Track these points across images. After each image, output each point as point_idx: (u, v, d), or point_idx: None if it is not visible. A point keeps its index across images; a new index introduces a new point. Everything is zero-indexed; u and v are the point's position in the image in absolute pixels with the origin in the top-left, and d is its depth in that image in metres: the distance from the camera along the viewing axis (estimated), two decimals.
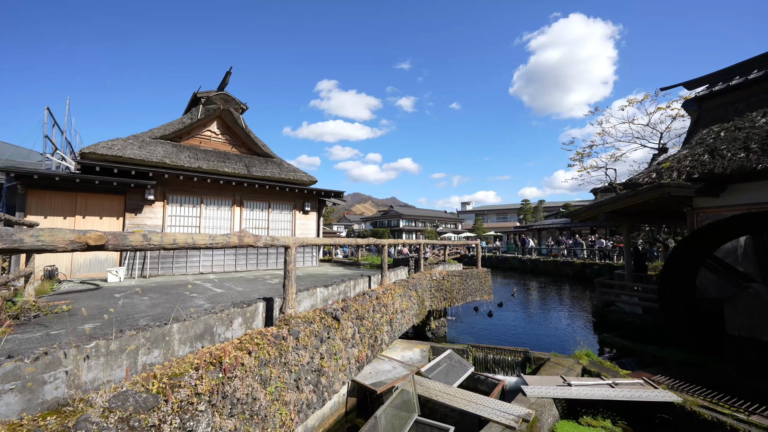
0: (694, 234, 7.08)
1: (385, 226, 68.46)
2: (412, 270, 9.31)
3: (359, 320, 4.69)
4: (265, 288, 6.53)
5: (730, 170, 7.03)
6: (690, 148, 8.38)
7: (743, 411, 4.55)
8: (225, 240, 2.87)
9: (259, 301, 3.69)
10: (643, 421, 5.14)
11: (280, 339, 3.20)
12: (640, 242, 19.47)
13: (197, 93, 12.15)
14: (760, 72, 8.52)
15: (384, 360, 6.46)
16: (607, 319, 10.18)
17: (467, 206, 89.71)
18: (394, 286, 6.73)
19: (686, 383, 5.48)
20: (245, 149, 13.10)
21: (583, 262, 22.88)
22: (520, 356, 7.08)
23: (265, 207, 11.65)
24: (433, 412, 5.84)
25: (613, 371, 6.12)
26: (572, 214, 11.45)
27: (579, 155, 19.54)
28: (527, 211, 60.16)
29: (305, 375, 3.39)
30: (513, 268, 29.22)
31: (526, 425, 4.49)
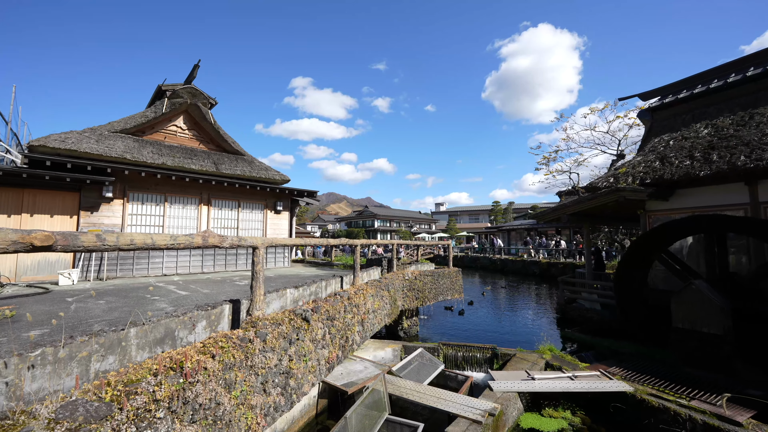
0: (645, 235, 7.62)
1: (360, 227, 68.31)
2: (385, 270, 9.37)
3: (330, 321, 4.67)
4: (233, 290, 6.34)
5: (677, 176, 7.63)
6: (643, 155, 9.00)
7: (685, 397, 4.96)
8: (188, 240, 2.77)
9: (224, 304, 3.58)
10: (599, 410, 5.47)
11: (246, 342, 3.12)
12: (600, 242, 20.67)
13: (162, 86, 11.58)
14: (703, 87, 9.31)
15: (356, 360, 6.46)
16: (569, 315, 10.74)
17: (441, 207, 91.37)
18: (366, 286, 6.75)
19: (638, 373, 5.88)
20: (214, 146, 12.64)
21: (549, 261, 23.96)
22: (488, 353, 7.31)
23: (235, 206, 11.30)
24: (404, 410, 5.91)
25: (573, 364, 6.46)
26: (538, 215, 11.97)
27: (546, 159, 20.46)
28: (498, 212, 62.14)
29: (273, 378, 3.33)
30: (484, 267, 30.09)
31: (492, 419, 4.66)
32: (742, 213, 7.12)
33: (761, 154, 6.59)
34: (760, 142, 6.81)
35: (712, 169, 7.11)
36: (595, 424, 5.32)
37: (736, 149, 7.05)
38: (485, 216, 69.62)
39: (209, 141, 12.56)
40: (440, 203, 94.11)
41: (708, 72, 9.58)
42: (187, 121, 12.11)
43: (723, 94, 8.89)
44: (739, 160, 6.82)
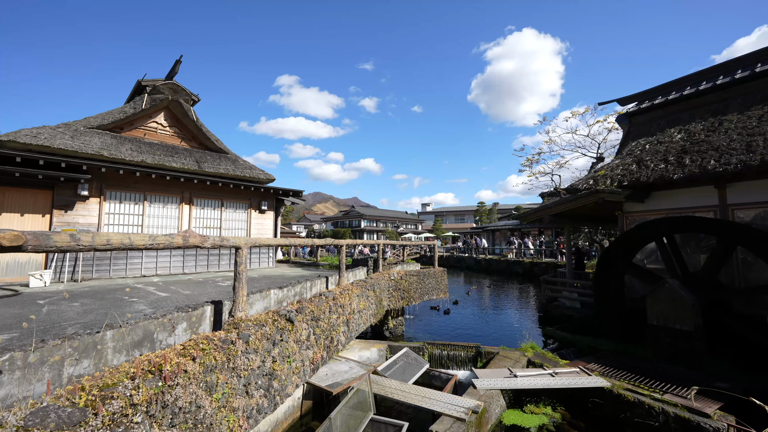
0: (620, 237, 7.90)
1: (347, 226, 68.06)
2: (371, 270, 9.37)
3: (315, 321, 4.64)
4: (215, 291, 6.22)
5: (652, 179, 7.93)
6: (621, 158, 9.32)
7: (659, 391, 5.16)
8: (167, 240, 2.70)
9: (206, 305, 3.51)
10: (578, 405, 5.63)
11: (228, 343, 3.07)
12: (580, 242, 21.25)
13: (142, 81, 11.25)
14: (677, 94, 9.71)
15: (341, 361, 6.44)
16: (550, 314, 11.00)
17: (427, 207, 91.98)
18: (351, 286, 6.73)
19: (615, 369, 6.08)
20: (196, 143, 12.36)
21: (532, 261, 24.47)
22: (472, 351, 7.41)
23: (218, 205, 11.07)
24: (389, 409, 5.93)
25: (554, 361, 6.63)
26: (521, 216, 12.22)
27: (529, 161, 20.89)
28: (483, 212, 63.05)
29: (256, 379, 3.29)
30: (469, 267, 30.47)
31: (476, 416, 4.73)
32: (712, 215, 7.46)
33: (729, 158, 6.93)
34: (729, 148, 7.16)
35: (684, 173, 7.42)
36: (574, 419, 5.47)
37: (707, 154, 7.39)
38: (470, 216, 70.52)
39: (191, 138, 12.27)
40: (426, 204, 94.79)
41: (682, 79, 9.99)
42: (169, 117, 11.79)
43: (695, 101, 9.29)
44: (709, 164, 7.14)
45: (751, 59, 8.74)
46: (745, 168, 6.62)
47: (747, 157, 6.70)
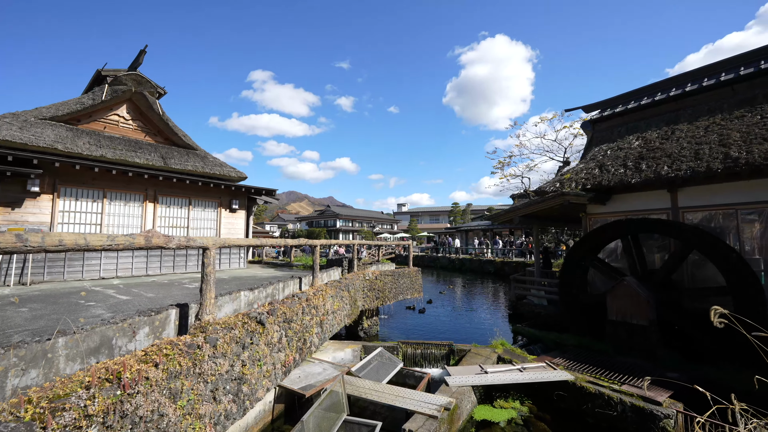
0: (584, 237, 8.33)
1: (322, 226, 67.25)
2: (346, 270, 9.32)
3: (287, 323, 4.55)
4: (181, 293, 5.95)
5: (613, 183, 8.41)
6: (585, 163, 9.82)
7: (617, 382, 5.49)
8: (128, 241, 2.55)
9: (171, 308, 3.35)
10: (545, 398, 5.88)
11: (194, 348, 2.95)
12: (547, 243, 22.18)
13: (102, 71, 10.58)
14: (635, 103, 10.35)
15: (314, 362, 6.36)
16: (520, 311, 11.41)
17: (403, 207, 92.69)
18: (325, 287, 6.67)
19: (578, 363, 6.40)
20: (162, 139, 11.78)
21: (503, 260, 25.27)
22: (445, 349, 7.55)
23: (185, 204, 10.61)
24: (363, 410, 5.92)
25: (522, 357, 6.88)
26: (492, 217, 12.59)
27: (501, 164, 21.57)
28: (457, 213, 64.33)
29: (224, 384, 3.18)
30: (443, 266, 31.00)
31: (448, 413, 4.82)
32: (665, 216, 8.01)
33: (680, 165, 7.48)
34: (680, 155, 7.73)
35: (641, 178, 7.93)
36: (541, 412, 5.70)
37: (661, 160, 7.93)
38: (445, 217, 71.77)
39: (157, 133, 11.68)
40: (402, 204, 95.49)
41: (639, 90, 10.67)
42: (132, 110, 11.16)
43: (651, 111, 9.95)
44: (663, 170, 7.68)
45: (700, 74, 9.47)
46: (694, 174, 7.17)
47: (695, 164, 7.26)
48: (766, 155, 6.41)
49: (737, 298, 5.92)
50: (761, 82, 8.12)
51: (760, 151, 6.55)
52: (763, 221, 6.96)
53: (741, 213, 7.16)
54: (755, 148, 6.67)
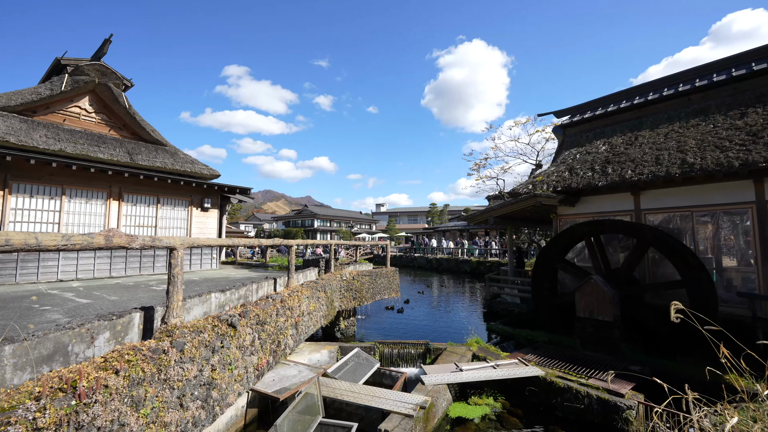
0: (554, 237, 8.65)
1: (299, 226, 66.21)
2: (323, 271, 9.21)
3: (260, 326, 4.42)
4: (147, 296, 5.67)
5: (581, 185, 8.78)
6: (556, 166, 10.20)
7: (584, 376, 5.72)
8: (86, 240, 2.39)
9: (134, 312, 3.17)
10: (517, 394, 6.05)
11: (159, 353, 2.80)
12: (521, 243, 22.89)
13: (61, 59, 9.93)
14: (602, 110, 10.87)
15: (289, 365, 6.23)
16: (494, 309, 11.69)
17: (381, 208, 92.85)
18: (301, 287, 6.55)
19: (548, 359, 6.63)
20: (128, 133, 11.19)
21: (479, 260, 25.83)
22: (421, 348, 7.61)
23: (153, 202, 10.12)
24: (339, 411, 5.86)
25: (496, 354, 7.05)
26: (468, 217, 12.84)
27: (477, 166, 22.05)
28: (435, 213, 65.17)
29: (192, 390, 3.04)
30: (421, 266, 31.31)
31: (423, 412, 4.86)
32: (629, 218, 8.46)
33: (642, 169, 7.91)
34: (642, 160, 8.17)
35: (607, 181, 8.33)
36: (513, 407, 5.86)
37: (625, 165, 8.36)
38: (423, 217, 72.52)
39: (122, 127, 11.09)
40: (381, 204, 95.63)
41: (606, 97, 11.21)
42: (95, 102, 10.54)
43: (617, 117, 10.48)
44: (627, 174, 8.10)
45: (660, 84, 10.08)
46: (654, 178, 7.61)
47: (656, 169, 7.70)
48: (718, 162, 6.90)
49: (692, 294, 6.32)
50: (714, 94, 8.74)
51: (713, 157, 7.04)
52: (715, 223, 7.49)
53: (696, 215, 7.67)
54: (708, 155, 7.17)
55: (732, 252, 7.34)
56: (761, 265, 6.73)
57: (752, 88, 8.17)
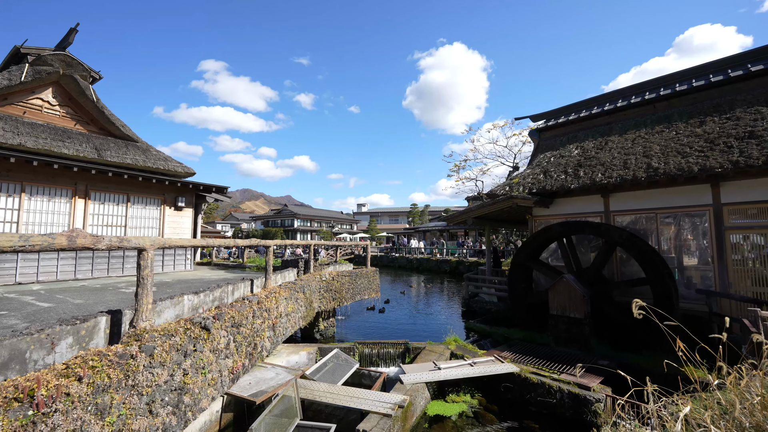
0: (530, 238, 8.91)
1: (279, 226, 65.06)
2: (302, 271, 9.10)
3: (236, 328, 4.32)
4: (116, 299, 5.42)
5: (555, 188, 9.10)
6: (532, 169, 10.51)
7: (556, 372, 5.93)
8: (46, 241, 2.26)
9: (100, 316, 3.03)
10: (493, 390, 6.19)
11: (126, 358, 2.69)
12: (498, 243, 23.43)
13: (21, 48, 9.34)
14: (576, 116, 11.30)
15: (266, 367, 6.12)
16: (472, 308, 11.91)
17: (363, 208, 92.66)
18: (279, 288, 6.45)
19: (523, 355, 6.82)
20: (96, 128, 10.67)
21: (458, 260, 26.24)
22: (401, 348, 7.66)
23: (123, 200, 9.68)
24: (317, 413, 5.81)
25: (474, 352, 7.19)
26: (448, 218, 13.03)
27: (456, 167, 22.40)
28: (415, 214, 65.67)
29: (162, 396, 2.93)
30: (401, 266, 31.47)
31: (402, 411, 4.89)
32: (599, 219, 8.84)
33: (611, 173, 8.29)
34: (611, 164, 8.56)
35: (579, 184, 8.67)
36: (489, 404, 6.00)
37: (596, 168, 8.74)
38: (404, 217, 72.92)
39: (90, 122, 10.55)
40: (362, 204, 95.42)
41: (579, 103, 11.67)
42: (59, 95, 9.97)
43: (588, 123, 10.93)
44: (597, 177, 8.46)
45: (628, 92, 10.59)
46: (623, 181, 7.99)
47: (624, 172, 8.09)
48: (679, 167, 7.32)
49: (655, 291, 6.68)
50: (676, 102, 9.27)
51: (675, 163, 7.47)
52: (677, 224, 7.95)
53: (660, 216, 8.11)
54: (671, 160, 7.60)
55: (692, 251, 7.81)
56: (717, 264, 7.20)
57: (710, 98, 8.72)
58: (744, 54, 8.81)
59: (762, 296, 6.61)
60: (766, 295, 6.64)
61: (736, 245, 7.15)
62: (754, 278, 6.87)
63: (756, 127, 7.13)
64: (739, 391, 1.97)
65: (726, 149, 7.07)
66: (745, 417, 1.77)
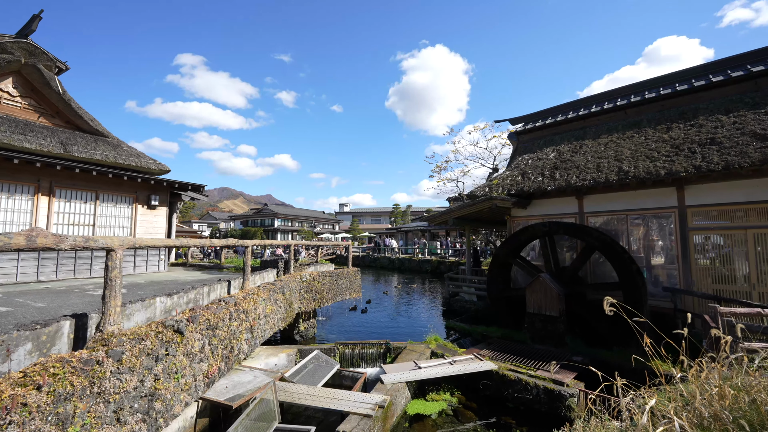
0: (508, 238, 9.12)
1: (258, 226, 63.75)
2: (282, 272, 8.94)
3: (211, 331, 4.19)
4: (82, 301, 5.14)
5: (533, 189, 9.35)
6: (510, 171, 10.76)
7: (533, 368, 6.09)
8: (1, 241, 2.11)
9: (63, 320, 2.86)
10: (472, 388, 6.29)
11: (92, 364, 2.55)
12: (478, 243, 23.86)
13: None
14: (552, 120, 11.65)
15: (244, 370, 5.98)
16: (452, 307, 12.07)
17: (345, 208, 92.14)
18: (257, 290, 6.31)
19: (501, 353, 6.97)
20: (62, 121, 10.11)
21: (439, 259, 26.53)
22: (382, 348, 7.66)
23: (91, 198, 9.21)
24: (297, 416, 5.73)
25: (453, 351, 7.28)
26: (429, 218, 13.15)
27: (438, 168, 22.66)
28: (398, 214, 65.92)
29: (131, 403, 2.80)
30: (383, 266, 31.51)
31: (382, 411, 4.89)
32: (574, 220, 9.14)
33: (585, 175, 8.60)
34: (585, 167, 8.88)
35: (555, 186, 8.94)
36: (468, 401, 6.09)
37: (571, 171, 9.03)
38: (386, 217, 73.03)
39: (55, 115, 9.98)
40: (344, 204, 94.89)
41: (556, 108, 12.04)
42: (20, 85, 9.37)
43: (565, 126, 11.29)
44: (572, 179, 8.75)
45: (601, 98, 11.02)
46: (596, 184, 8.30)
47: (597, 175, 8.41)
48: (648, 171, 7.68)
49: (626, 290, 6.97)
50: (645, 109, 9.72)
51: (644, 167, 7.83)
52: (646, 225, 8.33)
53: (630, 218, 8.47)
54: (640, 164, 7.95)
55: (659, 251, 8.21)
56: (681, 263, 7.59)
57: (676, 105, 9.20)
58: (706, 65, 9.35)
59: (721, 293, 7.03)
60: (725, 292, 7.07)
61: (699, 245, 7.57)
62: (715, 276, 7.29)
63: (717, 134, 7.57)
64: (699, 383, 2.08)
65: (690, 154, 7.47)
66: (704, 407, 1.87)
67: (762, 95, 7.91)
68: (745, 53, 8.71)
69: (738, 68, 8.59)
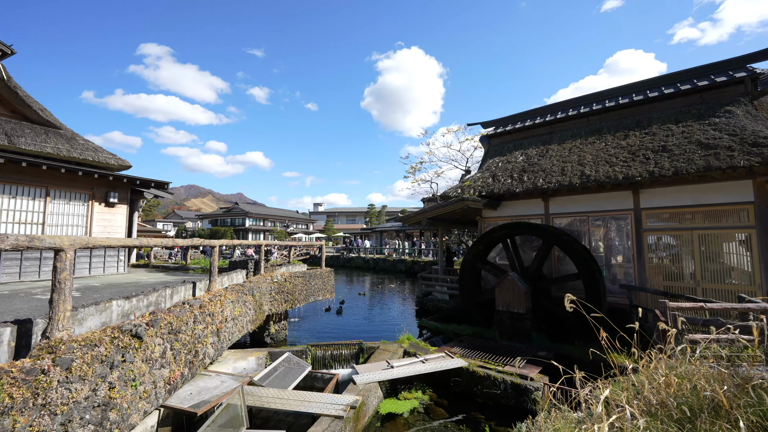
0: (479, 238, 9.36)
1: (229, 225, 61.57)
2: (251, 273, 8.69)
3: (173, 335, 3.99)
4: (27, 306, 4.73)
5: (502, 191, 9.66)
6: (482, 173, 11.06)
7: (501, 364, 6.29)
8: None
9: (3, 327, 2.62)
10: (443, 386, 6.40)
11: (36, 374, 2.35)
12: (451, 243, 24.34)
13: None
14: (521, 124, 12.10)
15: (210, 375, 5.74)
16: (425, 306, 12.22)
17: (320, 207, 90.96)
18: (225, 291, 6.09)
19: (472, 350, 7.13)
20: (7, 111, 9.29)
21: (413, 259, 26.81)
22: (354, 348, 7.62)
23: (41, 195, 8.52)
24: (266, 420, 5.58)
25: (426, 349, 7.37)
26: (404, 218, 13.26)
27: (413, 169, 22.88)
28: (373, 214, 65.95)
29: (81, 414, 2.61)
30: (358, 266, 31.42)
31: (354, 411, 4.86)
32: (540, 221, 9.54)
33: (551, 179, 8.99)
34: (551, 170, 9.29)
35: (523, 188, 9.29)
36: (440, 398, 6.19)
37: (538, 174, 9.42)
38: (362, 217, 72.84)
39: None
40: (319, 203, 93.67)
41: (524, 113, 12.52)
42: None
43: (533, 131, 11.76)
44: (538, 182, 9.12)
45: (566, 105, 11.57)
46: (560, 186, 8.70)
47: (561, 179, 8.81)
48: (607, 175, 8.15)
49: (587, 287, 7.36)
50: (606, 117, 10.31)
51: (604, 171, 8.30)
52: (606, 226, 8.83)
53: (591, 219, 8.96)
54: (601, 168, 8.43)
55: (618, 250, 8.73)
56: (636, 261, 8.12)
57: (633, 114, 9.82)
58: (659, 78, 10.06)
59: (671, 289, 7.59)
60: (674, 288, 7.63)
61: (652, 245, 8.13)
62: (665, 274, 7.86)
63: (668, 142, 8.16)
64: (648, 373, 2.23)
65: (644, 160, 8.00)
66: (653, 395, 2.01)
67: (706, 107, 8.62)
68: (692, 68, 9.45)
69: (686, 82, 9.31)
